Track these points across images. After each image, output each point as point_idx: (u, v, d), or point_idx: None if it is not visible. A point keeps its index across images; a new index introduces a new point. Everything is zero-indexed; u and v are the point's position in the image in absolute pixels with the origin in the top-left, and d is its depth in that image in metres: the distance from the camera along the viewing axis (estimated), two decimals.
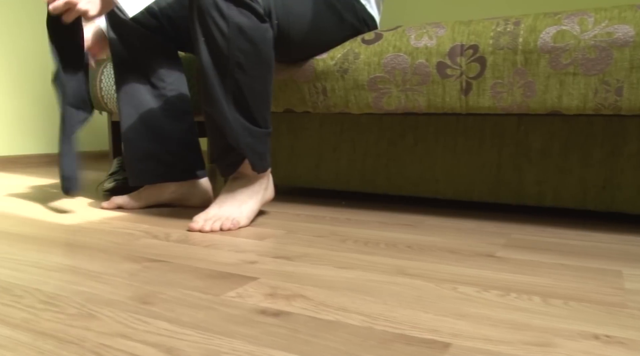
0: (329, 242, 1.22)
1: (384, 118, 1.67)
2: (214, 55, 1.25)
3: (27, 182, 2.38)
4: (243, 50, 1.25)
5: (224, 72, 1.26)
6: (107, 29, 1.59)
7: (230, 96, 1.27)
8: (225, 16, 1.22)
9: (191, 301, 0.83)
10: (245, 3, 1.23)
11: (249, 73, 1.27)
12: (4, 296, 0.86)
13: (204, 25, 1.24)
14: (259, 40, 1.27)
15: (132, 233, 1.31)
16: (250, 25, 1.25)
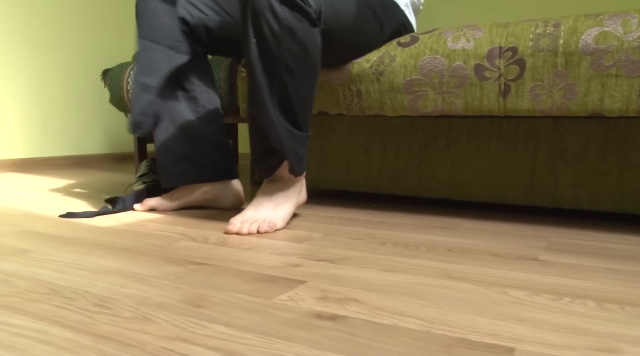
0: (368, 245, 1.21)
1: (416, 120, 1.67)
2: (263, 57, 1.25)
3: (54, 183, 2.39)
4: (293, 53, 1.25)
5: (272, 74, 1.26)
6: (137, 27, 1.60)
7: (276, 98, 1.27)
8: (279, 18, 1.22)
9: (243, 305, 0.83)
10: (299, 6, 1.23)
11: (297, 76, 1.27)
12: (56, 298, 0.86)
13: (257, 26, 1.23)
14: (309, 44, 1.27)
15: (170, 235, 1.31)
16: (301, 29, 1.25)
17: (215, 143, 1.61)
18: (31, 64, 2.99)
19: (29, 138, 3.00)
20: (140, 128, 1.50)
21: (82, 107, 3.29)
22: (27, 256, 1.12)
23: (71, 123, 3.23)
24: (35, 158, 3.03)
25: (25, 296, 0.87)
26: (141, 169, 2.00)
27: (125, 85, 2.42)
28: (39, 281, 0.94)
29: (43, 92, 3.05)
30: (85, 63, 3.29)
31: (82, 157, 3.28)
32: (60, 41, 3.15)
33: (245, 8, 1.25)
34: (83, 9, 3.28)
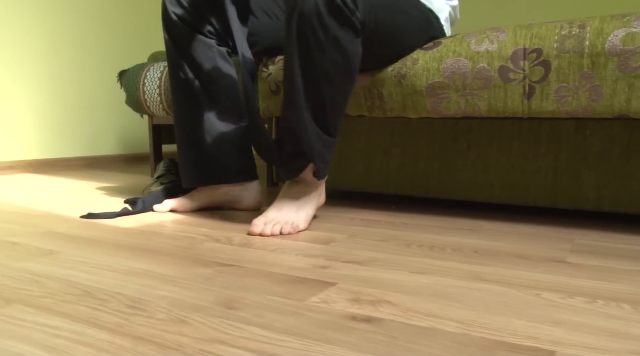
0: (394, 247, 1.21)
1: (436, 121, 1.66)
2: (304, 63, 1.25)
3: (71, 184, 2.40)
4: (334, 61, 1.25)
5: (311, 81, 1.26)
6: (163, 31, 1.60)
7: (312, 105, 1.27)
8: (326, 27, 1.22)
9: (276, 307, 0.83)
10: (346, 17, 1.22)
11: (335, 84, 1.27)
12: (89, 299, 0.86)
13: (301, 33, 1.23)
14: (351, 54, 1.26)
15: (193, 237, 1.31)
16: (346, 39, 1.24)
17: (236, 143, 1.61)
18: (46, 65, 3.00)
19: (44, 139, 3.01)
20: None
21: (95, 108, 3.29)
22: (53, 257, 1.12)
23: (85, 124, 3.23)
24: (50, 159, 3.04)
25: (58, 297, 0.87)
26: (159, 170, 2.00)
27: (141, 86, 2.43)
28: (70, 283, 0.94)
29: (57, 93, 3.06)
30: (99, 64, 3.30)
31: (96, 157, 3.29)
32: (75, 42, 3.16)
33: (291, 14, 1.24)
34: (98, 10, 3.29)
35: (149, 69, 2.43)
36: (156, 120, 2.64)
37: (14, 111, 2.86)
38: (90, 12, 3.24)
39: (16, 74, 2.87)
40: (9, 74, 2.83)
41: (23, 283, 0.94)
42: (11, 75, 2.85)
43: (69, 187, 2.28)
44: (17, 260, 1.10)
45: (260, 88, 1.69)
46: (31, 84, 2.94)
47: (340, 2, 1.19)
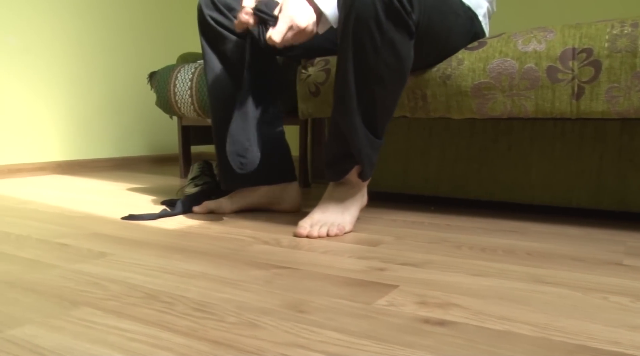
0: (445, 249, 1.21)
1: (476, 122, 1.65)
2: (358, 66, 1.24)
3: (103, 185, 2.40)
4: (389, 64, 1.24)
5: (364, 84, 1.25)
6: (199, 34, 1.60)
7: (363, 107, 1.26)
8: (383, 30, 1.21)
9: (346, 310, 0.82)
10: (403, 19, 1.21)
11: (387, 87, 1.26)
12: (154, 302, 0.85)
13: (357, 35, 1.22)
14: (405, 56, 1.25)
15: (240, 238, 1.30)
16: (401, 41, 1.23)
17: (276, 145, 1.61)
18: (74, 68, 3.01)
19: (72, 141, 3.03)
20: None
21: (122, 109, 3.31)
22: (107, 259, 1.12)
23: (112, 126, 3.24)
24: (79, 160, 3.05)
25: (123, 300, 0.86)
26: (193, 172, 2.00)
27: (172, 88, 2.43)
28: (130, 285, 0.94)
29: (85, 96, 3.07)
30: (126, 66, 3.31)
31: (123, 158, 3.30)
32: (102, 44, 3.17)
33: (348, 16, 1.23)
34: (125, 13, 3.30)
35: (180, 70, 2.43)
36: (185, 122, 2.64)
37: (43, 113, 2.88)
38: (117, 15, 3.25)
39: (46, 76, 2.89)
40: (38, 77, 2.85)
41: (84, 286, 0.94)
42: (41, 78, 2.86)
43: (101, 188, 2.29)
44: (72, 262, 1.10)
45: (298, 90, 1.69)
46: (60, 86, 2.95)
47: (398, 4, 1.18)
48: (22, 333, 0.73)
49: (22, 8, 2.75)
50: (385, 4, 1.17)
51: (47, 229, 1.41)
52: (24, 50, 2.77)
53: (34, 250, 1.19)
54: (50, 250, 1.19)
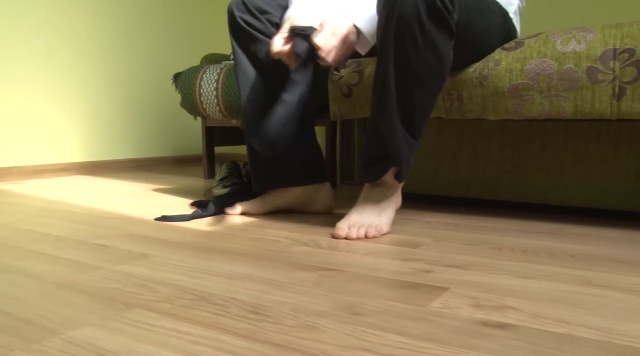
0: (486, 251, 1.20)
1: (509, 123, 1.64)
2: (399, 67, 1.24)
3: (128, 186, 2.41)
4: (429, 65, 1.23)
5: (403, 85, 1.24)
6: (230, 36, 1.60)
7: (401, 108, 1.26)
8: (425, 30, 1.20)
9: (401, 313, 0.82)
10: (445, 19, 1.20)
11: (427, 88, 1.25)
12: (206, 305, 0.85)
13: (399, 36, 1.21)
14: (445, 57, 1.25)
15: (278, 240, 1.30)
16: (442, 41, 1.23)
17: (307, 146, 1.60)
18: (97, 69, 3.03)
19: (95, 142, 3.04)
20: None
21: (144, 110, 3.31)
22: (149, 260, 1.12)
23: (134, 127, 3.25)
24: (101, 161, 3.06)
25: (174, 302, 0.86)
26: (221, 172, 2.00)
27: (197, 89, 2.43)
28: (179, 287, 0.94)
29: (107, 96, 3.09)
30: (148, 67, 3.32)
31: (145, 159, 3.31)
32: (123, 46, 3.18)
33: (389, 17, 1.22)
34: (147, 15, 3.31)
35: (205, 71, 2.43)
36: (210, 123, 2.64)
37: (67, 115, 2.90)
38: (139, 18, 3.26)
39: (69, 78, 2.90)
40: (62, 79, 2.86)
41: (132, 287, 0.94)
42: (65, 80, 2.87)
43: (128, 189, 2.29)
44: (115, 263, 1.10)
45: (330, 91, 1.69)
46: (83, 88, 2.96)
47: (440, 5, 1.18)
48: (82, 334, 0.73)
49: (47, 11, 2.76)
50: (427, 4, 1.17)
51: (84, 230, 1.42)
52: (49, 52, 2.78)
53: (75, 251, 1.19)
54: (90, 251, 1.19)
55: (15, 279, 0.99)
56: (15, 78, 2.65)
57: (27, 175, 2.71)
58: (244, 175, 1.97)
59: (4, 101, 2.61)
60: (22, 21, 2.67)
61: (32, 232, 1.39)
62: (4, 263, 1.10)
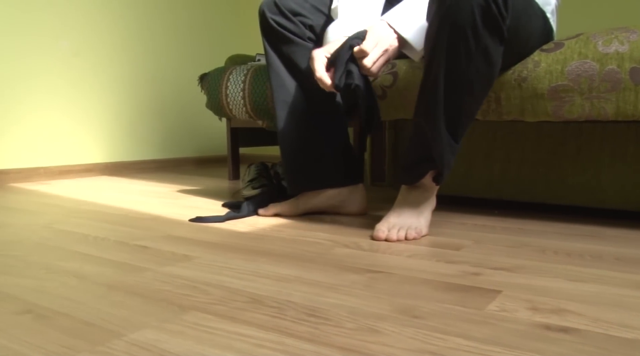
0: (529, 253, 1.19)
1: (544, 125, 1.63)
2: (449, 73, 1.22)
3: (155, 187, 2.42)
4: (480, 71, 1.22)
5: (452, 91, 1.23)
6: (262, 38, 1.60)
7: (448, 113, 1.25)
8: (478, 36, 1.19)
9: (460, 316, 0.81)
10: (498, 25, 1.15)
11: (475, 94, 1.25)
12: (262, 307, 0.85)
13: (452, 42, 1.20)
14: (495, 62, 1.24)
15: (318, 242, 1.30)
16: (493, 48, 1.21)
17: (341, 146, 1.61)
18: (121, 70, 3.04)
19: (119, 143, 3.05)
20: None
21: (167, 111, 3.33)
22: (193, 262, 1.12)
23: (157, 128, 3.27)
24: (124, 162, 3.07)
25: (229, 304, 0.86)
26: (250, 174, 2.00)
27: (224, 90, 2.43)
28: (230, 289, 0.94)
29: (131, 97, 3.10)
30: (171, 68, 3.33)
31: (167, 160, 3.32)
32: (148, 47, 3.20)
33: (443, 22, 1.20)
34: (170, 16, 3.32)
35: (232, 72, 2.43)
36: (234, 123, 2.64)
37: (92, 116, 2.92)
38: (161, 20, 3.28)
39: (94, 79, 2.92)
40: (87, 80, 2.88)
41: (183, 289, 0.94)
42: (89, 81, 2.89)
43: (154, 190, 2.30)
44: (160, 264, 1.10)
45: None
46: (107, 89, 2.98)
47: (496, 11, 1.16)
48: (144, 337, 0.73)
49: (73, 13, 2.78)
50: (483, 10, 1.15)
51: (121, 231, 1.42)
52: (74, 54, 2.79)
53: (118, 253, 1.19)
54: (132, 252, 1.19)
55: (65, 280, 0.99)
56: (41, 79, 2.67)
57: (53, 175, 2.72)
58: (272, 176, 1.97)
59: (30, 102, 2.63)
60: (49, 22, 2.68)
61: (70, 233, 1.40)
62: (51, 264, 1.10)
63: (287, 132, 1.59)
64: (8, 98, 2.55)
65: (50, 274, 1.03)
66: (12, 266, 1.10)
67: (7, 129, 2.56)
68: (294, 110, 1.57)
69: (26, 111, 2.62)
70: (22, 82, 2.60)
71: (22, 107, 2.60)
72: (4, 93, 2.53)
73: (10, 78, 2.56)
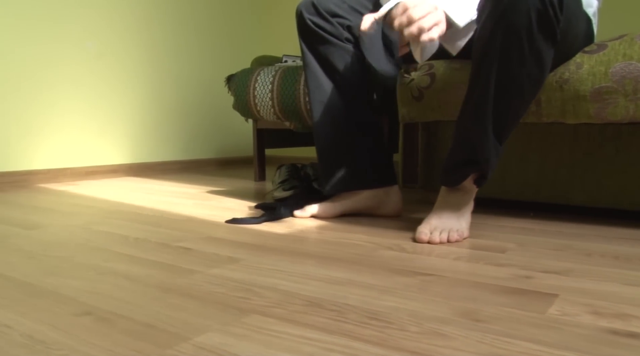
0: (576, 256, 1.19)
1: (580, 127, 1.62)
2: (500, 76, 1.22)
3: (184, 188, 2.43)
4: (531, 75, 1.21)
5: (502, 94, 1.23)
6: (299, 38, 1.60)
7: (495, 116, 1.24)
8: (532, 40, 1.18)
9: (523, 320, 0.81)
10: (552, 28, 1.15)
11: (524, 98, 1.24)
12: (321, 311, 0.85)
13: (505, 45, 1.19)
14: (546, 66, 1.23)
15: (359, 244, 1.30)
16: (546, 50, 1.20)
17: (377, 148, 1.60)
18: (146, 71, 3.06)
19: (143, 144, 3.06)
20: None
21: (191, 112, 3.34)
22: (240, 264, 1.12)
23: (180, 129, 3.28)
24: (148, 163, 3.08)
25: (288, 307, 0.86)
26: (281, 175, 2.00)
27: (251, 91, 2.43)
28: (284, 292, 0.94)
29: (156, 98, 3.11)
30: (195, 69, 3.35)
31: (189, 161, 3.33)
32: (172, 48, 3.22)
33: (497, 24, 1.19)
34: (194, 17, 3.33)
35: (260, 73, 2.43)
36: (261, 125, 2.64)
37: (117, 117, 2.93)
38: (185, 22, 3.30)
39: (119, 81, 2.94)
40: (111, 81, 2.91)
41: (238, 292, 0.94)
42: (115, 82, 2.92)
43: (182, 191, 2.31)
44: (207, 266, 1.10)
45: (400, 94, 1.67)
46: (132, 90, 3.00)
47: (552, 14, 1.15)
48: (211, 340, 0.73)
49: (97, 16, 2.79)
50: (539, 13, 1.14)
51: (160, 232, 1.42)
52: (100, 55, 2.80)
53: (162, 254, 1.19)
54: (176, 254, 1.20)
55: (116, 282, 0.99)
56: (66, 80, 2.68)
57: (79, 176, 2.73)
58: (302, 177, 1.97)
59: (57, 104, 2.65)
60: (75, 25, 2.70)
61: (110, 234, 1.40)
62: (98, 265, 1.11)
63: (324, 133, 1.59)
64: (35, 101, 2.57)
65: (100, 275, 1.03)
66: (60, 267, 1.10)
67: (35, 131, 2.57)
68: (331, 111, 1.57)
69: (53, 113, 2.64)
70: (49, 85, 2.62)
71: (49, 109, 2.62)
72: (32, 96, 2.55)
73: (37, 81, 2.58)
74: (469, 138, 1.28)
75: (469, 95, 1.27)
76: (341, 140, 1.59)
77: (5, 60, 2.47)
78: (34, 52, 2.56)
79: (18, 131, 2.51)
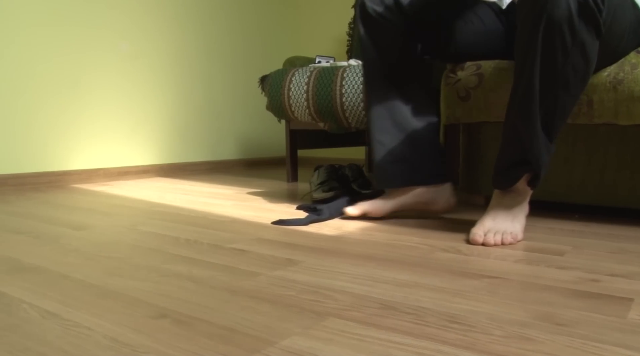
0: (635, 260, 1.18)
1: (628, 128, 1.60)
2: (544, 70, 1.21)
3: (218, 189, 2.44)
4: (576, 68, 1.20)
5: (548, 89, 1.22)
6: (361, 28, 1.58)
7: (543, 112, 1.23)
8: (575, 31, 1.17)
9: (605, 324, 0.80)
10: (595, 19, 1.14)
11: (571, 92, 1.23)
12: (399, 314, 0.84)
13: (548, 39, 1.18)
14: (592, 58, 1.21)
15: (414, 246, 1.29)
16: (590, 42, 1.19)
17: (431, 144, 1.59)
18: (177, 72, 3.07)
19: (173, 145, 3.08)
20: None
21: (219, 114, 3.34)
22: (300, 266, 1.11)
23: (209, 130, 3.29)
24: (178, 164, 3.09)
25: (363, 311, 0.86)
26: (320, 177, 1.99)
27: (286, 91, 2.43)
28: (354, 295, 0.94)
29: (186, 99, 3.12)
30: (224, 71, 3.35)
31: (217, 162, 3.33)
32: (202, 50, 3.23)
33: (538, 18, 1.19)
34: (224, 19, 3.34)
35: (294, 74, 2.43)
36: (293, 125, 2.64)
37: (148, 118, 2.95)
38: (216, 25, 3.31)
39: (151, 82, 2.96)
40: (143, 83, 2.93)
41: (307, 294, 0.94)
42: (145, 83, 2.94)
43: (218, 192, 2.32)
44: (269, 269, 1.10)
45: (445, 94, 1.67)
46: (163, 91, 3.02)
47: (592, 4, 1.14)
48: (297, 344, 0.73)
49: (133, 15, 2.80)
50: (580, 4, 1.14)
51: (209, 234, 1.42)
52: (133, 57, 2.82)
53: (218, 256, 1.20)
54: (233, 256, 1.20)
55: (181, 283, 0.99)
56: (100, 84, 2.70)
57: (112, 176, 2.74)
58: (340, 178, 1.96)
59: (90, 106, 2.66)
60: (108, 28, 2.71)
61: (159, 235, 1.40)
62: (158, 267, 1.11)
63: (382, 127, 1.58)
64: (69, 103, 2.60)
65: (163, 277, 1.04)
66: (121, 268, 1.10)
67: (69, 132, 2.59)
68: (389, 105, 1.56)
69: (88, 115, 2.66)
70: (84, 89, 2.64)
71: (84, 112, 2.64)
72: (66, 99, 2.58)
73: (74, 86, 2.60)
74: (518, 138, 1.27)
75: (514, 92, 1.26)
76: (397, 136, 1.58)
77: (46, 66, 2.50)
78: (71, 58, 2.58)
79: (55, 133, 2.54)
